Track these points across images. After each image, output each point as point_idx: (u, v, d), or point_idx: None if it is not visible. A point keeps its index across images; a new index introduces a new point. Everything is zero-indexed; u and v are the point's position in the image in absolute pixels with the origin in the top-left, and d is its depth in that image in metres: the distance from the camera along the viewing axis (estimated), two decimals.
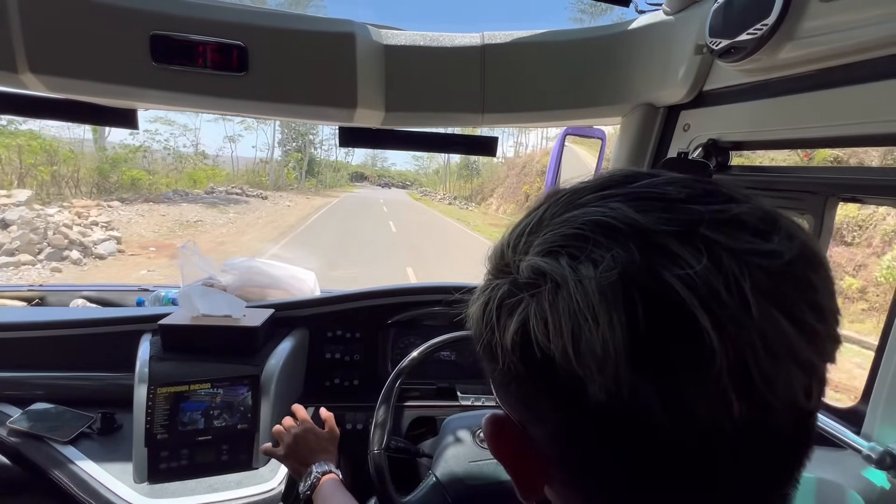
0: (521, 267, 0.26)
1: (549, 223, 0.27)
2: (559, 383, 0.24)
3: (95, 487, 0.94)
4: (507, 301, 0.26)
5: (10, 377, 1.16)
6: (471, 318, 0.31)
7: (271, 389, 1.08)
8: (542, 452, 0.29)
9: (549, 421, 0.27)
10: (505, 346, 0.26)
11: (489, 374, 0.32)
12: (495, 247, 0.31)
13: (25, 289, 1.62)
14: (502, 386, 0.30)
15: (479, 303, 0.29)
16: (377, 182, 74.66)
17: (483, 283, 0.31)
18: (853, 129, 0.68)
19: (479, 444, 0.95)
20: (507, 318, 0.26)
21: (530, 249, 0.27)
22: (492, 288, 0.28)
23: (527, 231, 0.28)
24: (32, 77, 0.89)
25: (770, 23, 0.67)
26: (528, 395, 0.27)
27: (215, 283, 1.46)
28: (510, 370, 0.27)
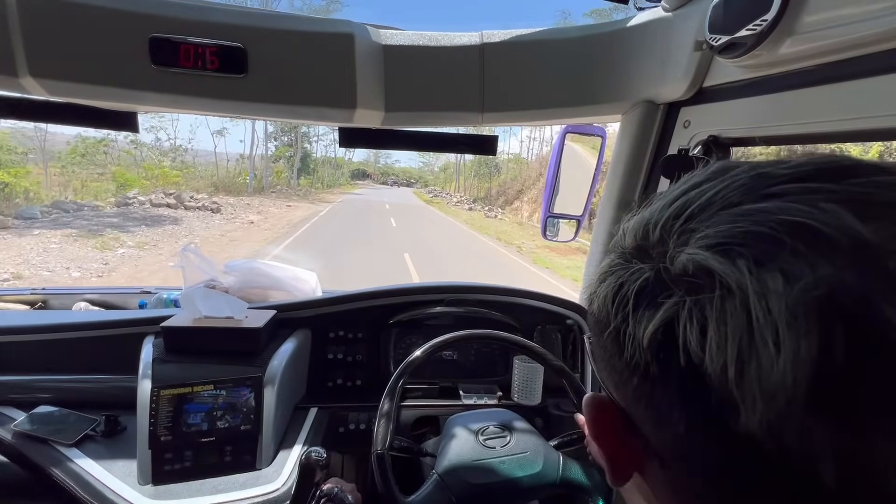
0: (678, 259, 0.22)
1: (722, 210, 0.23)
2: (701, 400, 0.21)
3: (100, 489, 0.95)
4: (651, 292, 0.23)
5: (13, 381, 1.16)
6: (596, 296, 0.28)
7: (274, 390, 1.08)
8: (648, 448, 0.26)
9: (673, 428, 0.24)
10: (638, 339, 0.24)
11: (600, 356, 0.29)
12: (638, 220, 0.27)
13: (28, 292, 1.63)
14: (620, 376, 0.27)
15: (611, 284, 0.26)
16: (380, 180, 71.14)
17: (613, 260, 0.28)
18: (854, 123, 0.68)
19: (482, 443, 0.95)
20: (647, 310, 0.23)
21: (692, 238, 0.22)
22: (630, 271, 0.25)
23: (686, 212, 0.24)
24: (32, 81, 0.90)
25: (770, 18, 0.67)
26: (654, 396, 0.25)
27: (217, 285, 1.46)
28: (638, 366, 0.24)
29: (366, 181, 68.61)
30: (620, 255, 0.28)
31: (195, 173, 27.33)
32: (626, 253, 0.27)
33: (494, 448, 0.93)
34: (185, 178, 24.02)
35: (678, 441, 0.24)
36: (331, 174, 48.87)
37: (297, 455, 1.07)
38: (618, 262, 0.27)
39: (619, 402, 0.28)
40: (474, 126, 1.17)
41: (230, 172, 30.03)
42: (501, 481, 0.88)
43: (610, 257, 0.29)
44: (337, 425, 1.23)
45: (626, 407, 0.27)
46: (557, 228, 1.50)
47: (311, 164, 40.57)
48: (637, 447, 0.27)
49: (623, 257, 0.27)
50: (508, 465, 0.90)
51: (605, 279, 0.28)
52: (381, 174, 75.13)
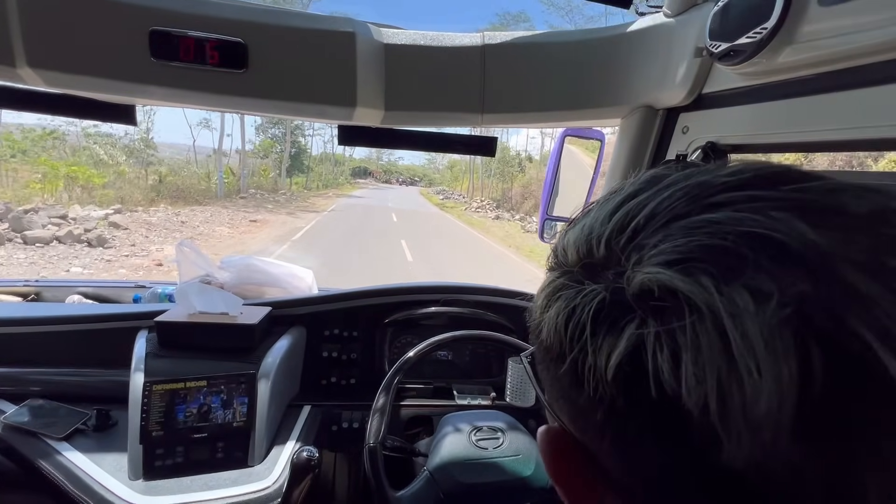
0: (635, 278, 0.21)
1: (670, 222, 0.21)
2: (678, 434, 0.19)
3: (90, 484, 0.94)
4: (608, 316, 0.21)
5: (4, 373, 1.16)
6: (545, 323, 0.25)
7: (268, 387, 1.08)
8: (611, 483, 0.24)
9: (644, 464, 0.22)
10: (600, 371, 0.21)
11: (552, 387, 0.27)
12: (577, 234, 0.26)
13: (21, 284, 1.61)
14: (578, 410, 0.25)
15: (561, 309, 0.24)
16: (383, 178, 65.58)
17: (556, 279, 0.26)
18: (852, 133, 0.68)
19: (474, 443, 0.95)
20: (607, 336, 0.21)
21: (644, 255, 0.21)
22: (581, 294, 0.23)
23: (631, 225, 0.23)
24: (30, 71, 0.89)
25: (769, 26, 0.67)
26: (620, 432, 0.22)
27: (212, 281, 1.45)
28: (602, 400, 0.22)
29: (367, 179, 63.54)
30: (564, 273, 0.25)
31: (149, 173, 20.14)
32: (572, 272, 0.25)
33: (486, 449, 0.93)
34: (124, 181, 17.43)
35: (649, 477, 0.22)
36: (330, 172, 43.82)
37: (289, 453, 1.06)
38: (563, 283, 0.25)
39: (576, 435, 0.26)
40: (474, 127, 1.17)
41: (199, 172, 23.93)
42: (491, 482, 0.88)
43: (551, 276, 0.27)
44: (330, 423, 1.23)
45: (585, 441, 0.25)
46: (555, 231, 1.51)
47: (305, 161, 35.06)
48: (597, 483, 0.25)
49: (569, 277, 0.25)
50: (499, 466, 0.91)
51: (551, 303, 0.25)
52: (384, 172, 69.42)
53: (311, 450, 0.91)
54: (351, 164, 57.30)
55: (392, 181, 65.81)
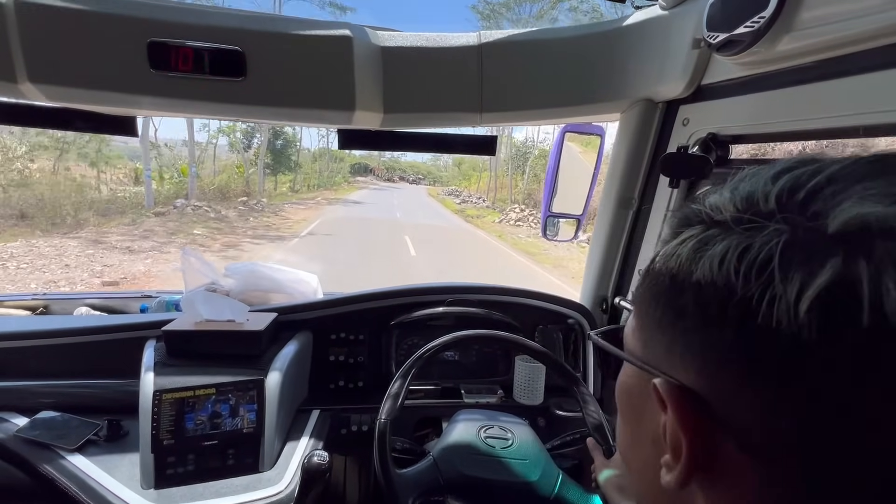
0: (838, 216, 0.21)
1: (862, 180, 0.22)
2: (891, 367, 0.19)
3: (103, 494, 0.95)
4: (802, 251, 0.21)
5: (15, 386, 1.16)
6: (701, 264, 0.25)
7: (276, 393, 1.08)
8: (740, 441, 0.24)
9: (815, 411, 0.21)
10: (787, 304, 0.20)
11: (683, 334, 0.26)
12: (728, 195, 0.26)
13: (30, 297, 1.63)
14: (720, 355, 0.24)
15: (730, 247, 0.23)
16: (385, 176, 58.76)
17: (704, 231, 0.26)
18: (852, 119, 0.68)
19: (482, 439, 0.95)
20: (800, 269, 0.20)
21: (843, 201, 0.21)
22: (757, 234, 0.23)
23: (810, 184, 0.23)
24: (31, 87, 0.90)
25: (767, 15, 0.67)
26: (793, 373, 0.21)
27: (218, 288, 1.46)
28: (780, 335, 0.21)
29: (368, 177, 55.46)
30: (716, 224, 0.25)
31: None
32: (732, 219, 0.24)
33: (494, 447, 0.93)
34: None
35: (817, 426, 0.21)
36: (327, 169, 37.90)
37: (299, 458, 1.07)
38: (719, 232, 0.25)
39: (698, 390, 0.26)
40: (473, 126, 1.17)
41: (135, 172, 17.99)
42: (492, 479, 0.88)
43: (695, 230, 0.26)
44: (339, 427, 1.23)
45: (711, 396, 0.25)
46: (557, 228, 1.50)
47: (291, 156, 27.98)
48: (714, 443, 0.25)
49: (726, 226, 0.24)
50: (504, 466, 0.90)
51: (707, 247, 0.24)
52: (387, 169, 60.85)
53: (322, 454, 0.91)
54: (350, 161, 49.64)
55: (395, 179, 59.12)
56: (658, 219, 1.16)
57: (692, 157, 0.97)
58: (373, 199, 29.20)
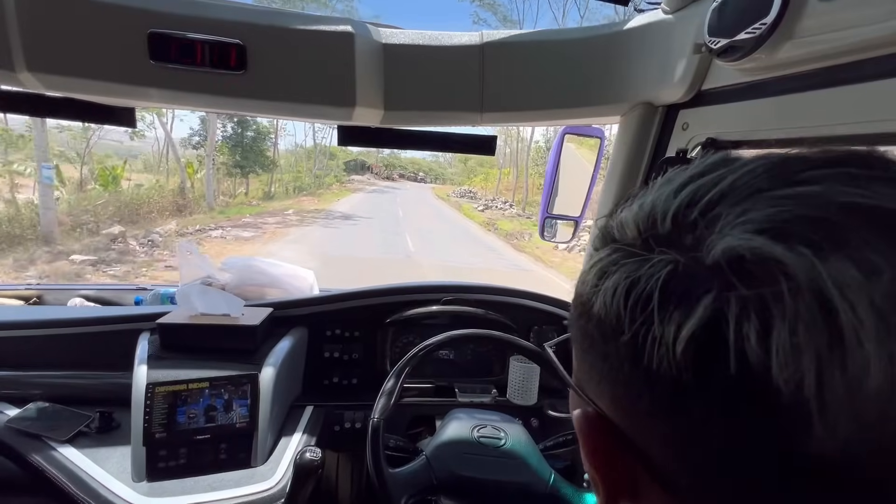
0: (716, 245, 0.19)
1: (752, 195, 0.20)
2: (755, 414, 0.18)
3: (93, 486, 0.94)
4: (680, 286, 0.20)
5: (7, 376, 1.16)
6: (598, 296, 0.24)
7: (270, 388, 1.08)
8: (650, 470, 0.23)
9: (702, 448, 0.21)
10: (666, 343, 0.20)
11: (592, 367, 0.26)
12: (635, 211, 0.25)
13: (23, 287, 1.62)
14: (626, 389, 0.23)
15: (619, 281, 0.22)
16: (384, 174, 52.85)
17: (610, 255, 0.24)
18: (853, 128, 0.68)
19: (476, 439, 0.95)
20: (678, 307, 0.20)
21: (725, 224, 0.20)
22: (647, 264, 0.21)
23: (704, 199, 0.22)
24: (30, 75, 0.89)
25: (769, 22, 0.67)
26: (681, 412, 0.21)
27: (214, 282, 1.45)
28: (662, 377, 0.20)
29: (365, 175, 49.80)
30: (618, 249, 0.24)
31: None
32: (631, 246, 0.23)
33: (487, 447, 0.93)
34: None
35: (705, 462, 0.21)
36: (316, 165, 32.07)
37: (292, 453, 1.07)
38: (620, 257, 0.23)
39: (614, 419, 0.25)
40: (473, 126, 1.17)
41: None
42: (485, 479, 0.88)
43: (603, 252, 0.25)
44: (332, 424, 1.23)
45: (624, 425, 0.25)
46: (555, 230, 1.51)
47: (266, 151, 21.23)
48: (632, 469, 0.25)
49: (627, 251, 0.23)
50: (497, 465, 0.90)
51: (607, 276, 0.24)
52: (385, 166, 54.39)
53: (314, 450, 0.91)
54: (344, 158, 42.82)
55: (395, 177, 53.23)
56: None
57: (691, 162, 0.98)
58: (369, 207, 21.41)
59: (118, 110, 1.07)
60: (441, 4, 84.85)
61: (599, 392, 0.26)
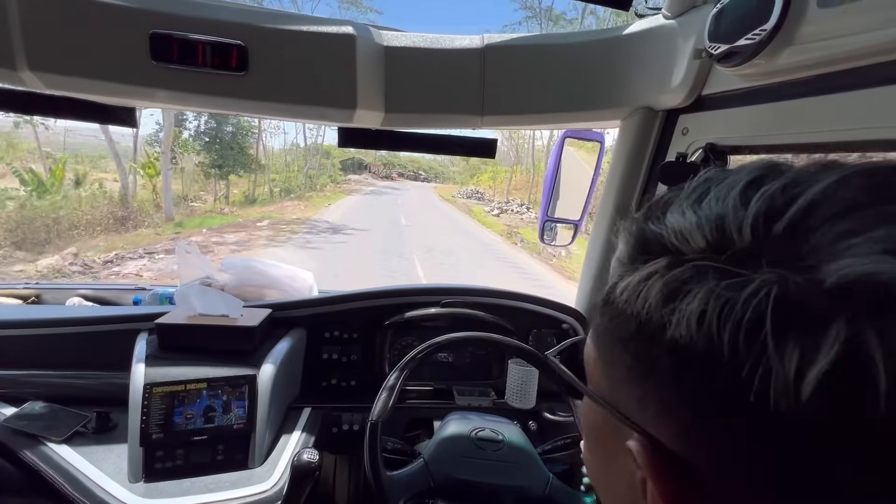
0: (830, 266, 0.17)
1: (852, 209, 0.19)
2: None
3: (90, 487, 0.94)
4: (795, 315, 0.18)
5: (4, 375, 1.15)
6: (679, 317, 0.21)
7: (268, 390, 1.08)
8: (719, 496, 0.22)
9: (808, 478, 0.19)
10: (787, 384, 0.17)
11: (667, 394, 0.23)
12: (698, 219, 0.22)
13: (21, 286, 1.61)
14: (708, 420, 0.21)
15: (704, 303, 0.20)
16: (382, 173, 49.41)
17: (666, 267, 0.22)
18: (852, 134, 0.68)
19: (474, 442, 0.94)
20: (797, 344, 0.17)
21: (826, 239, 0.18)
22: (738, 285, 0.19)
23: (790, 212, 0.20)
24: (31, 75, 0.89)
25: (769, 28, 0.67)
26: (804, 458, 0.19)
27: (213, 283, 1.45)
28: (781, 419, 0.18)
29: (363, 175, 46.50)
30: (684, 262, 0.22)
31: None
32: (704, 260, 0.21)
33: (485, 450, 0.93)
34: None
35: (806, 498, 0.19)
36: (308, 164, 28.66)
37: (289, 455, 1.06)
38: (690, 273, 0.21)
39: (680, 453, 0.23)
40: (474, 129, 1.17)
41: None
42: (483, 483, 0.88)
43: (659, 264, 0.23)
44: (330, 426, 1.23)
45: (697, 460, 0.22)
46: (555, 233, 1.51)
47: (244, 148, 18.34)
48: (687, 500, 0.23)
49: (702, 266, 0.21)
50: (494, 469, 0.90)
51: (680, 295, 0.21)
52: (384, 165, 51.05)
53: (312, 452, 0.91)
54: (340, 157, 38.11)
55: (394, 176, 50.09)
56: None
57: (691, 167, 0.98)
58: (364, 213, 17.98)
59: (119, 110, 1.07)
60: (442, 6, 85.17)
61: (657, 419, 0.24)
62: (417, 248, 11.16)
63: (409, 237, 12.93)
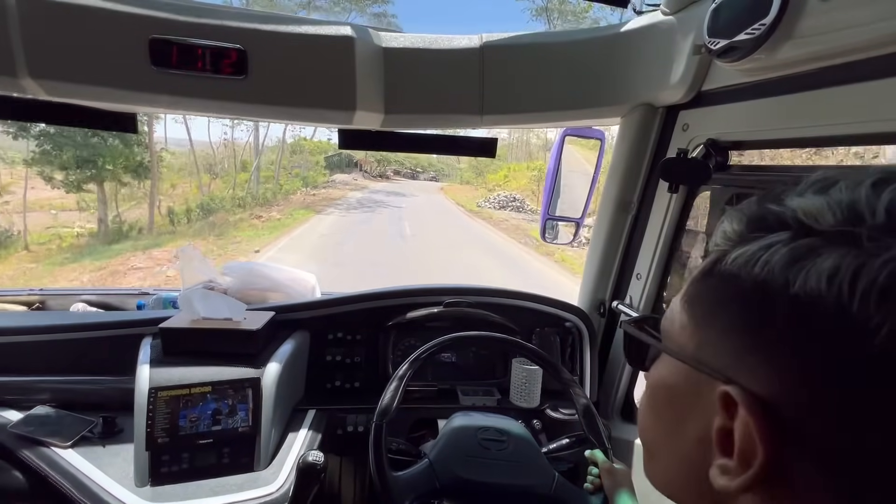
0: None
1: None
2: None
3: (96, 491, 0.94)
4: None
5: (10, 381, 1.16)
6: (808, 275, 0.23)
7: (272, 392, 1.08)
8: (819, 462, 0.23)
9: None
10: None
11: (790, 349, 0.24)
12: (829, 201, 0.24)
13: (26, 293, 1.62)
14: (826, 371, 0.23)
15: (837, 265, 0.22)
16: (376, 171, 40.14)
17: (791, 238, 0.24)
18: (852, 128, 0.68)
19: (479, 442, 0.94)
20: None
21: None
22: (869, 254, 0.21)
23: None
24: (32, 82, 0.89)
25: (768, 22, 0.67)
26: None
27: (216, 286, 1.46)
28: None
29: (354, 173, 38.10)
30: (813, 233, 0.24)
31: None
32: (828, 232, 0.23)
33: (490, 450, 0.93)
34: None
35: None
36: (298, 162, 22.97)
37: (295, 457, 1.06)
38: (819, 241, 0.23)
39: (779, 403, 0.24)
40: (474, 128, 1.17)
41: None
42: (489, 482, 0.88)
43: (779, 236, 0.25)
44: (335, 427, 1.23)
45: (796, 409, 0.24)
46: (556, 231, 1.50)
47: (128, 143, 11.57)
48: (789, 455, 0.24)
49: (824, 236, 0.23)
50: (500, 469, 0.90)
51: (807, 258, 0.23)
52: (378, 162, 41.49)
53: (317, 454, 0.91)
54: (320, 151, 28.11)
55: (389, 174, 42.69)
56: (657, 223, 1.16)
57: (692, 163, 0.98)
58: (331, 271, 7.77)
59: (119, 116, 1.07)
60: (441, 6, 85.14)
61: (757, 375, 0.25)
62: None
63: None
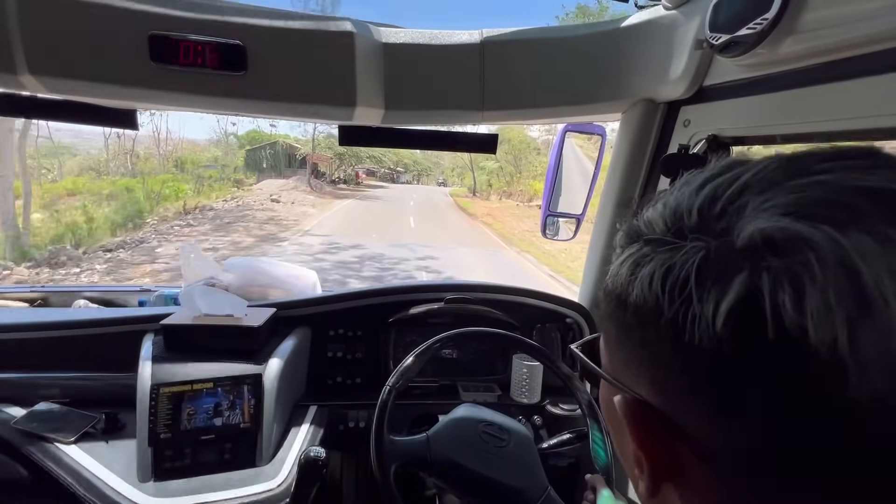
0: (745, 230, 0.22)
1: (770, 187, 0.23)
2: (796, 373, 0.20)
3: (100, 487, 0.95)
4: (715, 268, 0.22)
5: (13, 378, 1.16)
6: (634, 286, 0.26)
7: (274, 388, 1.08)
8: (697, 451, 0.25)
9: (747, 416, 0.22)
10: (706, 319, 0.22)
11: (630, 354, 0.28)
12: (660, 210, 0.27)
13: (27, 290, 1.63)
14: (667, 371, 0.25)
15: (656, 267, 0.24)
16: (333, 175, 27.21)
17: (640, 248, 0.27)
18: (855, 123, 0.67)
19: (479, 433, 0.95)
20: (714, 286, 0.21)
21: (750, 211, 0.22)
22: (679, 252, 0.24)
23: (727, 194, 0.24)
24: (31, 78, 0.89)
25: (770, 17, 0.67)
26: (721, 383, 0.23)
27: (217, 283, 1.46)
28: (703, 352, 0.22)
29: (292, 177, 24.08)
30: (649, 242, 0.26)
31: None
32: (660, 239, 0.26)
33: (488, 443, 0.93)
34: None
35: (752, 432, 0.22)
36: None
37: (296, 453, 1.07)
38: (651, 249, 0.26)
39: (654, 403, 0.27)
40: (474, 124, 1.17)
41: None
42: (478, 472, 0.88)
43: (632, 248, 0.28)
44: (336, 423, 1.24)
45: (666, 407, 0.26)
46: (557, 227, 1.50)
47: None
48: (675, 450, 0.26)
49: (657, 242, 0.26)
50: (493, 464, 0.90)
51: (640, 267, 0.26)
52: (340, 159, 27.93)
53: (319, 449, 0.91)
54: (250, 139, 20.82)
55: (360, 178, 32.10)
56: None
57: (693, 158, 0.97)
58: None
59: (119, 112, 1.07)
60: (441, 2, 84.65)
61: (638, 379, 0.28)
62: None
63: None
